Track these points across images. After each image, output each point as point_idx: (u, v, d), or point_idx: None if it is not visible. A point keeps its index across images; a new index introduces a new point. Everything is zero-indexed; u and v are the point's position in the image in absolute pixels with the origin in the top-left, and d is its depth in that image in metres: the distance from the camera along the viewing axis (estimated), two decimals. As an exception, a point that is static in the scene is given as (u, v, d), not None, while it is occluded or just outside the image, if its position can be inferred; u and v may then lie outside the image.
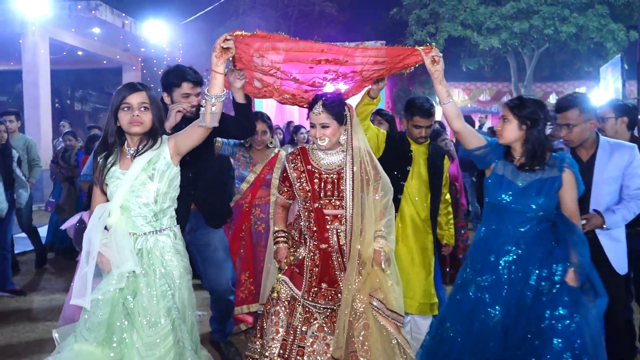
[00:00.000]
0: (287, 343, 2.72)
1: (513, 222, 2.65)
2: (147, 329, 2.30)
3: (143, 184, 2.38)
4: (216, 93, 2.32)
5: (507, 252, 2.64)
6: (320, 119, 2.72)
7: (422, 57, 2.55)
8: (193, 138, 2.46)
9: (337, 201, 2.77)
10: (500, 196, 2.65)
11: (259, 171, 3.98)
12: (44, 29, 11.20)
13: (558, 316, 2.50)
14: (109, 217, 2.35)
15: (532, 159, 2.61)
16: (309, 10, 20.63)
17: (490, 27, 15.14)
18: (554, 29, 14.47)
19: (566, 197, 2.63)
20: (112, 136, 2.41)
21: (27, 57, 11.21)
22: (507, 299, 2.59)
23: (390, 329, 2.67)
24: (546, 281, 2.58)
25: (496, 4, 15.62)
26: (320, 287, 2.75)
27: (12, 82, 18.56)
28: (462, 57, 17.76)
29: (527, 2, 14.59)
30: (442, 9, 15.69)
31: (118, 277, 2.30)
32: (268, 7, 19.97)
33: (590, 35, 14.55)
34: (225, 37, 2.30)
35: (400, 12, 17.25)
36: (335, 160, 2.82)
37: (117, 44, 13.04)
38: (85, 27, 11.70)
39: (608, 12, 14.10)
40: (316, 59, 2.59)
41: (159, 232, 2.45)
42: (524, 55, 17.06)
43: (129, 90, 2.39)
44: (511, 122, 2.63)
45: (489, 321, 2.59)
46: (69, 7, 10.98)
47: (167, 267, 2.43)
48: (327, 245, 2.76)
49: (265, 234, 3.94)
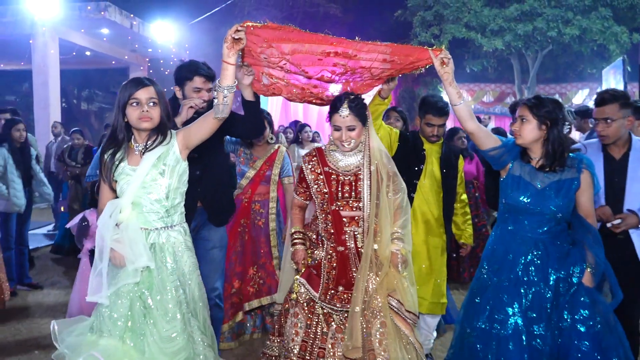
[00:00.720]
0: (307, 344, 2.70)
1: (531, 223, 2.60)
2: (165, 323, 2.32)
3: (154, 180, 2.37)
4: (228, 84, 2.31)
5: (525, 252, 2.60)
6: (347, 122, 2.66)
7: (431, 58, 2.52)
8: (203, 131, 2.44)
9: (355, 202, 2.73)
10: (519, 197, 2.60)
11: (259, 167, 3.97)
12: (54, 30, 11.34)
13: (580, 319, 2.47)
14: (120, 213, 2.34)
15: (553, 160, 2.56)
16: (313, 11, 20.69)
17: (494, 29, 15.13)
18: (557, 31, 14.47)
19: (583, 197, 2.59)
20: (122, 132, 2.39)
21: (37, 57, 11.35)
22: (525, 299, 2.55)
23: (406, 331, 2.66)
24: (564, 283, 2.54)
25: (500, 6, 15.63)
26: (337, 289, 2.73)
27: (19, 82, 18.73)
28: (466, 58, 17.79)
29: (530, 4, 14.58)
30: (446, 11, 15.69)
31: (133, 272, 2.30)
32: (273, 8, 20.07)
33: (594, 38, 14.55)
34: (236, 28, 2.27)
35: (404, 13, 17.24)
36: (353, 161, 2.77)
37: (125, 44, 13.18)
38: (94, 27, 11.85)
39: (611, 15, 14.12)
40: (325, 51, 2.56)
41: (171, 228, 2.44)
42: (527, 57, 17.11)
43: (137, 86, 2.36)
44: (530, 122, 2.57)
45: (509, 323, 2.54)
46: (78, 8, 11.12)
47: (178, 263, 2.43)
48: (345, 248, 2.73)
49: (264, 229, 3.97)
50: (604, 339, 2.46)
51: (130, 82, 2.39)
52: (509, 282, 2.60)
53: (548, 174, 2.58)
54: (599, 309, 2.50)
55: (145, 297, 2.34)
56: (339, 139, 2.70)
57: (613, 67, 9.39)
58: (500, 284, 2.62)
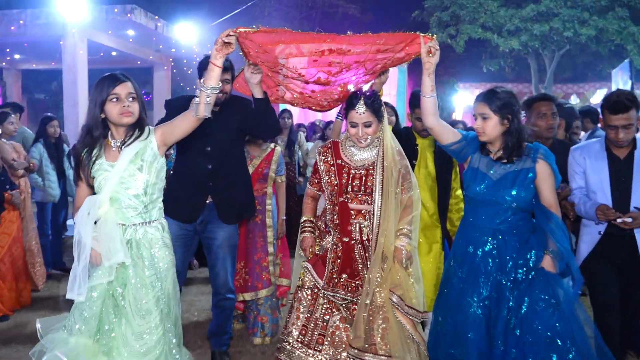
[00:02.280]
0: (308, 329, 2.73)
1: (488, 213, 2.63)
2: (138, 318, 2.31)
3: (132, 175, 2.36)
4: (212, 85, 2.32)
5: (484, 243, 2.62)
6: (364, 118, 2.68)
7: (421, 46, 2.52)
8: (182, 129, 2.43)
9: (364, 196, 2.75)
10: (475, 189, 2.63)
11: (257, 165, 4.04)
12: (83, 32, 11.73)
13: (537, 299, 2.48)
14: (98, 209, 2.32)
15: (511, 151, 2.57)
16: (332, 11, 20.96)
17: (511, 29, 15.27)
18: (573, 32, 14.56)
19: (542, 187, 2.58)
20: (98, 129, 2.35)
21: (67, 58, 11.77)
22: (484, 289, 2.58)
23: (407, 325, 2.68)
24: (522, 268, 2.56)
25: (516, 6, 15.74)
26: (340, 277, 2.75)
27: (49, 81, 19.34)
28: (483, 58, 17.95)
29: (547, 4, 14.67)
30: (462, 12, 15.85)
31: (108, 270, 2.29)
32: (292, 8, 20.37)
33: (611, 38, 14.61)
34: (228, 33, 2.31)
35: (421, 14, 17.48)
36: (368, 156, 2.80)
37: (150, 45, 13.61)
38: (120, 29, 12.23)
39: (628, 15, 14.15)
40: (319, 50, 2.55)
41: (149, 224, 2.43)
42: (544, 57, 17.19)
43: (116, 81, 2.33)
44: (491, 119, 2.57)
45: (470, 311, 2.58)
46: (106, 10, 11.54)
47: (154, 259, 2.42)
48: (350, 239, 2.76)
49: (261, 225, 4.02)
50: (560, 322, 2.44)
51: (107, 78, 2.36)
52: (469, 273, 2.63)
53: (504, 164, 2.59)
54: (558, 292, 2.50)
55: (118, 294, 2.34)
56: (355, 135, 2.73)
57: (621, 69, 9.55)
58: (462, 274, 2.66)
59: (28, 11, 11.67)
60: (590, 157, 3.10)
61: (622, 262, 3.04)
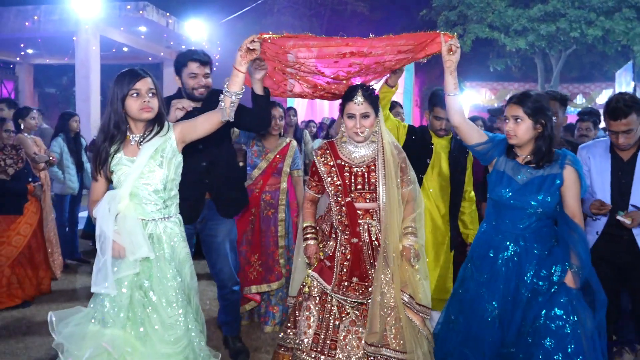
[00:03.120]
0: (320, 337, 2.71)
1: (512, 218, 2.57)
2: (167, 310, 2.34)
3: (152, 171, 2.37)
4: (236, 90, 2.34)
5: (505, 248, 2.58)
6: (362, 109, 2.66)
7: (441, 43, 2.52)
8: (204, 129, 2.45)
9: (368, 194, 2.73)
10: (501, 192, 2.57)
11: (272, 159, 4.04)
12: (96, 28, 11.99)
13: (553, 317, 2.43)
14: (118, 204, 2.33)
15: (542, 157, 2.51)
16: (341, 9, 21.09)
17: (518, 29, 15.38)
18: (580, 32, 14.65)
19: (568, 195, 2.51)
20: (125, 123, 2.37)
21: (80, 53, 12.03)
22: (503, 294, 2.55)
23: (417, 323, 2.69)
24: (544, 281, 2.51)
25: (524, 6, 15.84)
26: (351, 281, 2.73)
27: (59, 76, 19.61)
28: (490, 57, 18.05)
29: (554, 5, 14.77)
30: (470, 11, 15.97)
31: (133, 263, 2.31)
32: (302, 6, 20.51)
33: (617, 39, 14.68)
34: (253, 39, 2.31)
35: (429, 13, 17.58)
36: (366, 152, 2.78)
37: (160, 41, 13.83)
38: (133, 25, 12.48)
39: (635, 16, 14.21)
40: (341, 53, 2.56)
41: (167, 219, 2.45)
42: (551, 57, 17.27)
43: (136, 77, 2.34)
44: (525, 122, 2.50)
45: (486, 316, 2.55)
46: (119, 7, 11.78)
47: (174, 252, 2.45)
48: (359, 240, 2.74)
49: (273, 219, 4.04)
50: (573, 342, 2.39)
51: (127, 73, 2.36)
52: (488, 276, 2.60)
53: (531, 169, 2.54)
54: (576, 310, 2.44)
55: (146, 287, 2.36)
56: (352, 128, 2.70)
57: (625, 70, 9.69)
58: (481, 277, 2.62)
59: (42, 7, 11.99)
60: (595, 157, 3.13)
61: (621, 262, 3.06)
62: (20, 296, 4.57)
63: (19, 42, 13.23)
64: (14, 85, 16.21)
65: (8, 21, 11.99)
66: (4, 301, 4.47)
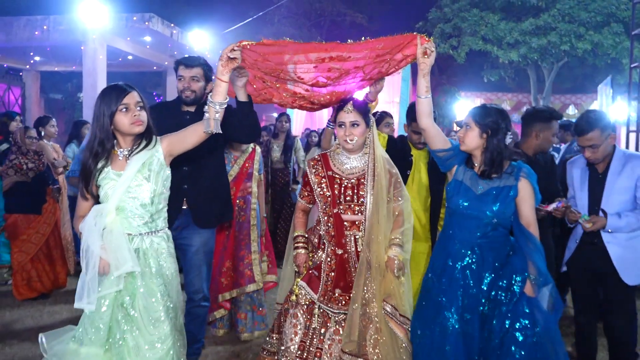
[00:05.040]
0: (305, 345, 2.73)
1: (469, 227, 2.62)
2: (150, 327, 2.29)
3: (139, 185, 2.34)
4: (219, 100, 2.29)
5: (462, 256, 2.62)
6: (351, 117, 2.73)
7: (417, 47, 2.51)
8: (190, 141, 2.42)
9: (357, 207, 2.76)
10: (458, 202, 2.64)
11: (242, 164, 4.07)
12: (103, 38, 12.30)
13: (519, 327, 2.47)
14: (104, 218, 2.28)
15: (491, 167, 2.59)
16: (340, 20, 21.61)
17: (510, 42, 15.86)
18: (570, 45, 15.12)
19: (523, 206, 2.59)
20: (110, 140, 2.33)
21: (88, 62, 12.32)
22: (462, 302, 2.57)
23: (400, 334, 2.69)
24: (505, 292, 2.54)
25: (516, 20, 16.32)
26: (334, 292, 2.76)
27: (64, 82, 20.03)
28: (484, 68, 18.54)
29: (545, 19, 15.25)
30: (464, 24, 16.46)
31: (116, 279, 2.26)
32: (302, 16, 21.00)
33: (607, 52, 15.17)
34: (232, 47, 2.28)
35: (425, 25, 18.07)
36: (357, 164, 2.82)
37: (165, 51, 14.19)
38: (138, 36, 12.78)
39: (623, 30, 14.69)
40: (320, 58, 2.55)
41: (154, 234, 2.41)
42: (543, 69, 17.76)
43: (123, 92, 2.31)
44: (473, 130, 2.60)
45: (446, 325, 2.56)
46: (125, 18, 12.14)
47: (161, 268, 2.40)
48: (344, 251, 2.77)
49: (246, 223, 4.04)
50: (541, 349, 2.44)
51: (114, 89, 2.34)
52: (447, 285, 2.63)
53: (488, 180, 2.61)
54: (539, 319, 2.49)
55: (128, 303, 2.30)
56: (342, 136, 2.76)
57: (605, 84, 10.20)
58: (440, 287, 2.65)
59: (51, 17, 12.35)
60: (577, 170, 3.30)
61: (596, 269, 3.19)
62: (38, 289, 5.01)
63: (29, 51, 13.60)
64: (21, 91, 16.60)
65: (18, 30, 12.37)
66: (23, 293, 4.91)
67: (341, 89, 2.87)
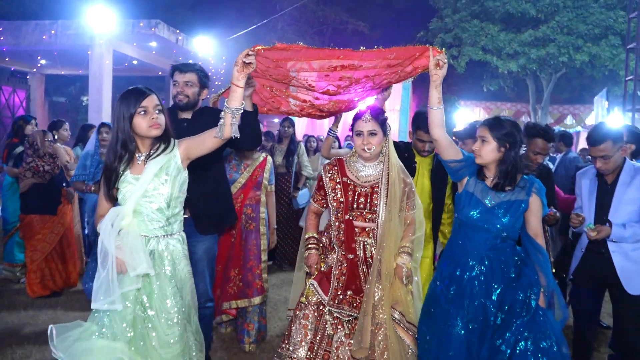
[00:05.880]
0: (314, 346, 2.73)
1: (478, 239, 2.64)
2: (166, 328, 2.32)
3: (156, 189, 2.35)
4: (236, 106, 2.29)
5: (471, 267, 2.64)
6: (369, 126, 2.74)
7: (429, 59, 2.52)
8: (206, 146, 2.43)
9: (369, 214, 2.78)
10: (469, 213, 2.64)
11: (252, 172, 4.05)
12: (110, 43, 12.55)
13: (541, 338, 2.49)
14: (121, 221, 2.31)
15: (505, 180, 2.60)
16: (342, 27, 21.82)
17: (509, 52, 16.10)
18: (568, 57, 15.38)
19: (532, 219, 2.64)
20: (133, 142, 2.35)
21: (94, 67, 12.55)
22: (469, 311, 2.59)
23: (407, 340, 2.70)
24: (522, 305, 2.56)
25: (515, 31, 16.58)
26: (345, 294, 2.76)
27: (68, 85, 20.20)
28: (484, 78, 18.76)
29: (544, 31, 15.51)
30: (464, 34, 16.72)
31: (135, 278, 2.29)
32: (305, 24, 21.21)
33: (604, 64, 15.42)
34: (247, 52, 2.27)
35: (426, 34, 18.29)
36: (373, 172, 2.83)
37: (170, 56, 14.39)
38: (145, 41, 13.02)
39: (620, 43, 14.92)
40: (332, 66, 2.57)
41: (170, 236, 2.43)
42: (542, 79, 17.99)
43: (142, 95, 2.33)
44: (490, 143, 2.60)
45: (452, 331, 2.59)
46: (132, 24, 12.38)
47: (176, 270, 2.43)
48: (354, 256, 2.78)
49: (255, 232, 4.01)
50: (557, 356, 2.48)
51: (133, 92, 2.35)
52: (455, 294, 2.65)
53: (499, 193, 2.62)
54: (553, 330, 2.53)
55: (145, 303, 2.34)
56: (360, 145, 2.77)
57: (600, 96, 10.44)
58: (448, 295, 2.67)
59: (59, 22, 12.60)
60: (586, 180, 3.36)
61: (602, 278, 3.23)
62: (51, 287, 5.17)
63: (36, 55, 13.81)
64: (26, 94, 16.80)
65: (27, 34, 12.59)
66: (37, 291, 5.08)
67: (350, 97, 2.89)
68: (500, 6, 16.09)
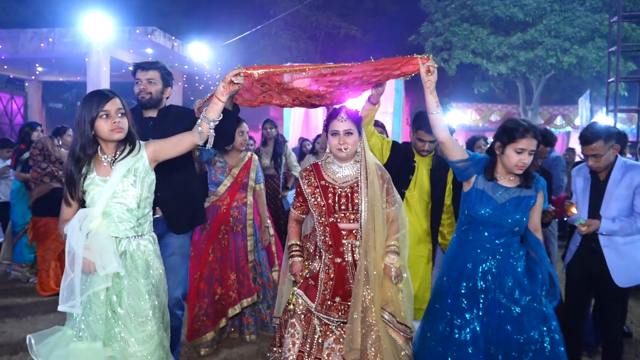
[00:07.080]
0: (304, 354, 2.70)
1: (490, 234, 2.71)
2: (137, 325, 2.33)
3: (125, 190, 2.36)
4: (214, 117, 2.36)
5: (483, 261, 2.71)
6: (345, 126, 2.72)
7: (419, 66, 2.55)
8: (176, 149, 2.46)
9: (352, 215, 2.75)
10: (480, 211, 2.71)
11: (236, 175, 4.01)
12: (107, 50, 12.70)
13: (552, 329, 2.63)
14: (90, 222, 2.29)
15: (526, 180, 2.72)
16: (335, 32, 22.00)
17: (499, 55, 16.39)
18: (556, 59, 15.67)
19: (534, 214, 2.76)
20: (92, 146, 2.34)
21: (91, 73, 12.69)
22: (483, 305, 2.65)
23: (399, 341, 2.69)
24: (533, 298, 2.66)
25: (504, 34, 16.85)
26: (333, 300, 2.73)
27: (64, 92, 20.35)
28: (475, 80, 19.07)
29: (532, 34, 15.82)
30: (454, 38, 17.00)
31: (105, 277, 2.27)
32: (298, 28, 21.37)
33: (592, 65, 15.72)
34: (237, 73, 2.31)
35: (417, 38, 18.57)
36: (350, 172, 2.81)
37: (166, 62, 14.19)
38: (141, 48, 13.19)
39: (607, 45, 15.27)
40: (321, 74, 2.63)
41: (141, 237, 2.44)
42: (531, 81, 18.32)
43: (105, 98, 2.31)
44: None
45: (468, 327, 2.62)
46: (129, 31, 12.56)
47: (149, 269, 2.44)
48: (342, 260, 2.75)
49: (242, 234, 4.01)
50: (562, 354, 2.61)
51: (95, 95, 2.33)
52: (467, 289, 2.69)
53: (508, 189, 2.72)
54: (554, 322, 2.66)
55: (114, 302, 2.33)
56: (336, 145, 2.74)
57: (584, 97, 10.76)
58: (459, 290, 2.70)
59: (57, 30, 12.79)
60: (580, 178, 3.46)
61: (593, 271, 3.33)
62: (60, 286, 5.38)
63: (34, 62, 13.97)
64: (23, 100, 16.97)
65: (25, 42, 12.75)
66: (47, 289, 5.30)
67: (341, 91, 2.95)
68: (489, 10, 16.38)
